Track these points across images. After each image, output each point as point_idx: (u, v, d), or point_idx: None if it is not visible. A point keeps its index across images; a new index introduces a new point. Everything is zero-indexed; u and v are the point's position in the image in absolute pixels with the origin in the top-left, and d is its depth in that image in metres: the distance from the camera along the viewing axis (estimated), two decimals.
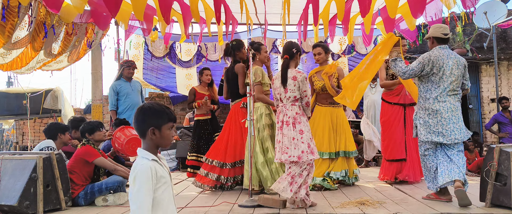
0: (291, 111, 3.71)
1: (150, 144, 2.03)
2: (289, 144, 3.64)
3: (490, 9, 7.58)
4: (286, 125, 3.69)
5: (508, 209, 3.35)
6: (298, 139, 3.63)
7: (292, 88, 3.71)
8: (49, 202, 3.71)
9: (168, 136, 2.04)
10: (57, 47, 5.47)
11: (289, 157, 3.62)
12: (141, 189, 1.87)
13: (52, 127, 4.68)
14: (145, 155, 1.99)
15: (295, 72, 3.75)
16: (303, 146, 3.61)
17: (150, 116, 2.04)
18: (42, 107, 9.59)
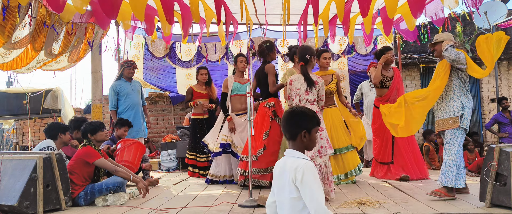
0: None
1: (300, 146, 2.14)
2: None
3: (490, 9, 7.58)
4: None
5: (508, 209, 3.36)
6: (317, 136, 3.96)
7: (314, 91, 4.17)
8: (49, 202, 3.71)
9: (315, 138, 2.18)
10: (57, 47, 5.47)
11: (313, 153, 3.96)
12: (316, 183, 1.96)
13: (52, 127, 4.68)
14: (300, 156, 2.10)
15: (316, 77, 4.20)
16: (322, 142, 4.03)
17: (302, 119, 2.15)
18: (42, 107, 9.59)
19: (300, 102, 4.17)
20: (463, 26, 9.31)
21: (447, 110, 4.08)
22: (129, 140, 5.30)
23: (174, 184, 5.49)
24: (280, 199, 2.09)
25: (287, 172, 2.03)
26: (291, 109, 2.21)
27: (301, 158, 2.06)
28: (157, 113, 9.59)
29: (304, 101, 4.14)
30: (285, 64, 8.84)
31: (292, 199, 2.00)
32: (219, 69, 8.94)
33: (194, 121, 6.33)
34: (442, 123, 4.09)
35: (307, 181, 1.94)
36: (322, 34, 8.00)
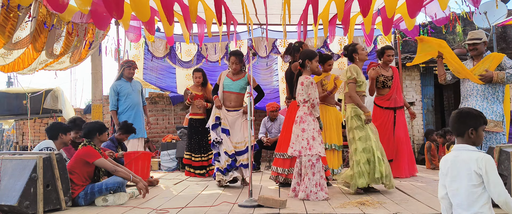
0: (301, 111, 4.30)
1: (469, 141, 2.44)
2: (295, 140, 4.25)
3: (490, 9, 7.59)
4: (295, 123, 4.33)
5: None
6: (299, 135, 4.20)
7: (300, 92, 4.28)
8: (49, 202, 3.71)
9: (482, 135, 2.47)
10: (59, 47, 5.47)
11: (294, 151, 4.22)
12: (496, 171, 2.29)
13: (54, 127, 4.68)
14: (474, 149, 2.41)
15: (304, 78, 4.27)
16: (302, 143, 4.16)
17: (470, 119, 2.45)
18: (42, 107, 9.60)
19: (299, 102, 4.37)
20: (463, 26, 9.31)
21: (488, 111, 4.18)
22: (132, 153, 5.30)
23: (174, 184, 5.49)
24: (454, 188, 2.39)
25: (465, 163, 2.34)
26: (459, 109, 2.54)
27: (477, 151, 2.38)
28: (157, 113, 9.59)
29: (299, 103, 4.36)
30: (285, 64, 8.84)
31: (472, 186, 2.31)
32: (219, 69, 8.93)
33: (191, 121, 6.35)
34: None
35: (490, 170, 2.27)
36: (322, 34, 8.00)
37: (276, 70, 8.97)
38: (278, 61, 8.91)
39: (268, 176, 6.27)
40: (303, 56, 4.34)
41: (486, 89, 4.23)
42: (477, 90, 4.26)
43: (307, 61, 4.30)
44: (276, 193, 4.50)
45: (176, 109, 9.59)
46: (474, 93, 4.26)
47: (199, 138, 6.25)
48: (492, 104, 4.16)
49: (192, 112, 6.38)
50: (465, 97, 4.33)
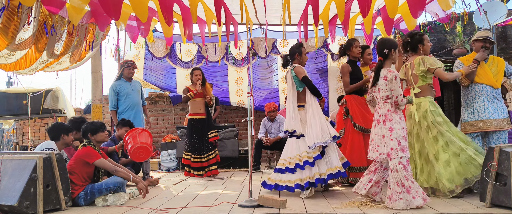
0: (383, 109, 3.78)
1: None
2: (379, 141, 3.74)
3: (490, 9, 7.58)
4: (377, 123, 3.81)
5: (508, 209, 3.36)
6: (387, 136, 3.69)
7: (383, 87, 3.78)
8: (49, 202, 3.71)
9: None
10: (59, 47, 5.47)
11: (380, 154, 3.71)
12: None
13: (56, 127, 4.68)
14: None
15: (387, 72, 3.80)
16: (392, 143, 3.66)
17: None
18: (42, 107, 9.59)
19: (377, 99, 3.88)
20: (463, 26, 9.30)
21: (500, 111, 4.20)
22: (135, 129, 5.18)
23: (174, 184, 5.49)
24: None
25: None
26: None
27: None
28: (157, 113, 9.59)
29: (379, 99, 3.84)
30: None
31: None
32: (219, 69, 8.95)
33: (191, 121, 6.34)
34: (497, 122, 4.16)
35: None
36: (322, 34, 8.00)
37: (276, 70, 8.97)
38: (278, 61, 8.90)
39: (268, 176, 6.26)
40: (387, 45, 3.86)
41: (494, 90, 4.32)
42: (487, 92, 4.32)
43: (392, 50, 3.85)
44: (276, 193, 4.50)
45: (176, 109, 9.59)
46: (484, 94, 4.32)
47: (199, 138, 6.26)
48: (501, 103, 4.27)
49: (192, 112, 6.38)
50: (473, 98, 4.36)
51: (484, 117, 4.25)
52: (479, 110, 4.28)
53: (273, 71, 9.01)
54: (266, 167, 7.60)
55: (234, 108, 9.54)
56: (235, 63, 8.75)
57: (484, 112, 4.25)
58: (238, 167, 7.29)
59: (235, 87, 8.92)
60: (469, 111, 4.37)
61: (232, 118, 9.60)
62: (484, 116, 4.25)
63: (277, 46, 8.62)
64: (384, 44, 3.86)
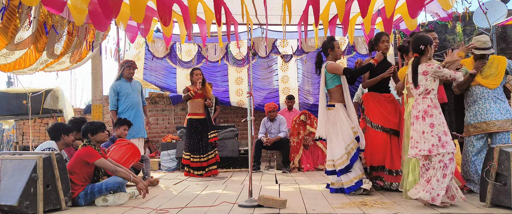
0: (422, 105, 3.71)
1: None
2: (419, 138, 3.67)
3: (490, 9, 7.58)
4: (415, 119, 3.73)
5: (508, 209, 3.36)
6: (427, 132, 3.62)
7: (423, 83, 3.71)
8: (49, 202, 3.71)
9: None
10: (60, 47, 5.47)
11: (419, 151, 3.65)
12: None
13: (56, 127, 4.68)
14: None
15: (425, 67, 3.73)
16: (433, 140, 3.60)
17: None
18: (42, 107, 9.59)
19: (414, 96, 3.83)
20: (463, 26, 9.30)
21: (502, 112, 4.19)
22: (125, 140, 5.27)
23: (174, 184, 5.49)
24: None
25: None
26: None
27: None
28: (157, 113, 9.59)
29: (416, 95, 3.78)
30: (285, 64, 8.84)
31: None
32: (219, 69, 8.95)
33: (190, 121, 6.34)
34: (500, 123, 4.18)
35: None
36: (322, 34, 8.00)
37: (276, 70, 8.98)
38: (278, 61, 8.91)
39: (268, 176, 6.29)
40: (423, 41, 3.78)
41: (495, 91, 4.31)
42: (488, 93, 4.32)
43: (428, 46, 3.78)
44: (276, 193, 4.50)
45: (176, 109, 9.60)
46: (485, 96, 4.32)
47: (198, 138, 6.26)
48: (504, 104, 4.24)
49: (192, 112, 6.38)
50: (475, 101, 4.36)
51: (487, 119, 4.24)
52: (481, 112, 4.28)
53: (273, 71, 9.02)
54: (266, 167, 7.60)
55: (234, 108, 9.54)
56: (235, 63, 8.75)
57: (487, 113, 4.24)
58: (238, 167, 7.30)
59: (235, 87, 8.92)
60: (471, 113, 4.36)
61: (232, 117, 9.60)
62: (486, 117, 4.24)
63: (277, 46, 8.62)
64: (420, 40, 3.79)
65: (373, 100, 4.65)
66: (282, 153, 7.08)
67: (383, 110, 4.60)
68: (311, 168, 6.97)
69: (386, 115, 4.57)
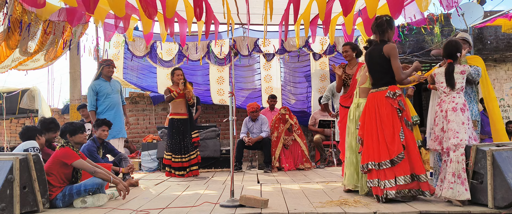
0: (460, 99, 3.80)
1: None
2: (459, 128, 3.69)
3: (467, 11, 7.75)
4: (452, 110, 3.76)
5: (485, 206, 3.43)
6: (466, 123, 3.71)
7: (460, 81, 3.83)
8: (26, 204, 3.62)
9: None
10: (33, 45, 5.35)
11: (460, 141, 3.65)
12: None
13: (29, 129, 4.55)
14: None
15: (462, 67, 3.88)
16: (469, 132, 3.71)
17: None
18: (18, 107, 9.38)
19: (445, 93, 3.87)
20: (440, 28, 9.48)
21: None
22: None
23: (155, 185, 5.44)
24: None
25: None
26: None
27: None
28: (138, 112, 9.49)
29: (450, 92, 3.84)
30: (268, 63, 8.86)
31: None
32: (201, 68, 8.90)
33: (172, 120, 6.29)
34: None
35: None
36: (303, 34, 8.05)
37: (258, 69, 8.98)
38: (261, 60, 8.92)
39: (250, 176, 6.29)
40: (459, 49, 3.89)
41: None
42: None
43: (459, 54, 3.89)
44: (258, 193, 4.50)
45: (157, 109, 9.51)
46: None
47: (180, 138, 6.21)
48: (469, 103, 4.29)
49: (174, 112, 6.32)
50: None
51: None
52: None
53: (255, 71, 9.02)
54: (248, 167, 7.60)
55: (216, 108, 9.51)
56: (217, 62, 8.72)
57: None
58: (220, 167, 7.27)
59: (217, 86, 8.89)
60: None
61: (214, 117, 9.57)
62: None
63: (259, 45, 8.63)
64: (457, 47, 3.90)
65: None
66: (264, 152, 7.09)
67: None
68: (292, 168, 6.99)
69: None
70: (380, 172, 3.82)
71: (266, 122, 7.28)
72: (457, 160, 3.62)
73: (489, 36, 9.99)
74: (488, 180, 3.41)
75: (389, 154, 3.79)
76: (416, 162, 3.81)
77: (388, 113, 3.87)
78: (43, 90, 15.30)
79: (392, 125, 3.85)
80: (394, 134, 3.82)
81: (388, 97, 3.89)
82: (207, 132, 7.37)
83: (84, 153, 4.92)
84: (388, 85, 3.95)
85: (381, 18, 4.04)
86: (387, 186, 3.73)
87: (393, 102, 3.87)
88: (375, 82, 4.07)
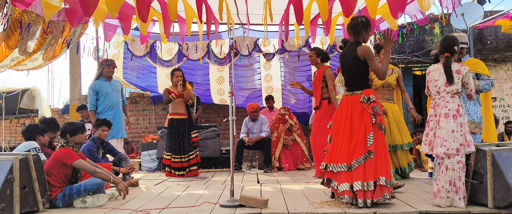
0: (453, 104, 3.67)
1: None
2: (448, 136, 3.59)
3: (467, 11, 7.75)
4: (444, 117, 3.66)
5: (485, 206, 3.43)
6: (457, 131, 3.59)
7: (456, 81, 3.72)
8: (26, 204, 3.62)
9: None
10: (32, 45, 5.35)
11: (447, 150, 3.56)
12: None
13: (30, 128, 4.58)
14: None
15: (458, 66, 3.77)
16: (461, 139, 3.58)
17: None
18: (18, 107, 9.38)
19: (438, 94, 3.77)
20: (441, 28, 9.49)
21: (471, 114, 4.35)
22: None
23: (155, 185, 5.44)
24: None
25: None
26: None
27: None
28: (138, 112, 9.49)
29: (444, 94, 3.74)
30: (268, 62, 8.86)
31: None
32: (200, 68, 8.89)
33: (172, 121, 6.28)
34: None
35: None
36: (304, 34, 8.04)
37: (259, 69, 8.98)
38: (261, 60, 8.91)
39: (249, 176, 6.29)
40: (457, 43, 3.82)
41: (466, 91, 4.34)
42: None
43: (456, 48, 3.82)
44: (258, 193, 4.50)
45: (156, 109, 9.51)
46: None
47: (180, 138, 6.21)
48: (473, 105, 4.29)
49: (173, 112, 6.32)
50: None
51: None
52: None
53: (255, 70, 9.01)
54: (248, 167, 7.60)
55: (216, 108, 9.51)
56: (217, 61, 8.72)
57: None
58: (219, 167, 7.27)
59: (217, 86, 8.88)
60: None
61: (214, 117, 9.57)
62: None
63: (259, 45, 8.62)
64: (454, 41, 3.82)
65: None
66: (264, 152, 7.09)
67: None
68: (292, 168, 6.99)
69: None
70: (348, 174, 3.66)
71: (266, 122, 7.28)
72: (453, 167, 3.55)
73: (489, 36, 9.99)
74: (488, 180, 3.41)
75: (348, 159, 3.68)
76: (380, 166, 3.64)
77: (360, 117, 3.75)
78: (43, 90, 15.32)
79: (364, 129, 3.70)
80: (363, 138, 3.68)
81: (363, 102, 3.76)
82: (207, 132, 7.37)
83: (84, 153, 4.92)
84: (362, 89, 3.82)
85: (356, 19, 3.94)
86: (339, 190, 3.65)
87: (367, 107, 3.74)
88: (349, 84, 3.93)
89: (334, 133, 3.94)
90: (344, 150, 3.73)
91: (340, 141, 3.82)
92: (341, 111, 3.93)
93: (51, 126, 4.91)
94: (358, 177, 3.59)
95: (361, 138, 3.68)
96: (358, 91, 3.83)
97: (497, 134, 8.76)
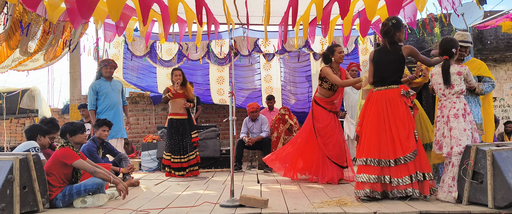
0: (460, 104, 3.82)
1: None
2: (461, 135, 3.73)
3: (467, 11, 7.75)
4: (454, 117, 3.78)
5: (485, 206, 3.43)
6: (468, 129, 3.75)
7: (458, 82, 3.84)
8: (26, 204, 3.62)
9: None
10: (33, 45, 5.35)
11: (463, 148, 3.69)
12: None
13: (33, 128, 4.59)
14: None
15: (459, 67, 3.89)
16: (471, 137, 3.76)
17: None
18: (18, 107, 9.38)
19: (444, 96, 3.90)
20: (440, 28, 9.48)
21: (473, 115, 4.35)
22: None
23: (155, 185, 5.44)
24: None
25: None
26: None
27: None
28: (138, 112, 9.49)
29: (449, 95, 3.86)
30: (268, 63, 8.86)
31: None
32: (200, 68, 8.90)
33: (171, 121, 6.28)
34: None
35: None
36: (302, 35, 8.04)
37: (258, 69, 8.98)
38: (261, 60, 8.92)
39: (249, 176, 6.29)
40: (455, 45, 3.92)
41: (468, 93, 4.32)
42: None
43: (457, 49, 3.98)
44: (258, 193, 4.50)
45: (157, 109, 9.51)
46: None
47: (179, 138, 6.20)
48: (474, 107, 4.27)
49: (173, 112, 6.32)
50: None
51: None
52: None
53: (255, 71, 9.02)
54: (248, 167, 7.60)
55: (216, 108, 9.51)
56: (217, 61, 8.72)
57: None
58: (219, 167, 7.27)
59: (217, 86, 8.89)
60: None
61: (214, 117, 9.57)
62: None
63: (259, 45, 8.63)
64: (452, 43, 3.92)
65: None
66: (264, 152, 7.09)
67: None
68: None
69: None
70: (392, 169, 3.81)
71: (266, 122, 7.28)
72: (458, 164, 3.72)
73: (489, 36, 9.99)
74: (488, 180, 3.41)
75: (403, 151, 3.79)
76: (424, 160, 3.87)
77: (404, 110, 3.90)
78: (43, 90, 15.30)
79: (408, 122, 3.86)
80: (409, 131, 3.84)
81: (403, 96, 3.94)
82: (207, 132, 7.37)
83: (84, 153, 4.93)
84: (398, 84, 4.00)
85: (387, 24, 4.05)
86: (401, 183, 3.75)
87: (407, 101, 3.94)
88: (381, 80, 4.05)
89: (364, 129, 4.05)
90: (390, 143, 3.86)
91: (382, 135, 3.91)
92: (371, 106, 4.05)
93: (49, 126, 4.91)
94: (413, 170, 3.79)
95: (409, 131, 3.84)
96: (394, 86, 3.99)
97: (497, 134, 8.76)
